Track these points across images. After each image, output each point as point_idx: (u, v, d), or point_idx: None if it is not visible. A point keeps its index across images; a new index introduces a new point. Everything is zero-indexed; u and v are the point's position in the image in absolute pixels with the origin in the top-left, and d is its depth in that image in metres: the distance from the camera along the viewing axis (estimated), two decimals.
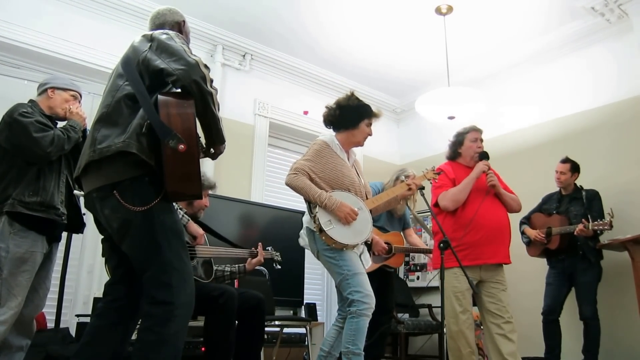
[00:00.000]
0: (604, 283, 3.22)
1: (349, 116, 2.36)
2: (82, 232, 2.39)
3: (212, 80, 1.53)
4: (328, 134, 2.39)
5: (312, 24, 4.01)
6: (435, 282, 4.44)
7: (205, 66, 1.52)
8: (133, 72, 1.54)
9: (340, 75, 4.79)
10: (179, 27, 1.80)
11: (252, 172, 4.16)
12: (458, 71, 4.36)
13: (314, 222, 2.19)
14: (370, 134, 2.42)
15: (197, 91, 1.47)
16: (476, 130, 2.91)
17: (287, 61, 4.48)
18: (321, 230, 2.15)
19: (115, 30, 3.64)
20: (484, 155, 2.82)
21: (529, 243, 3.45)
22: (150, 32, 1.62)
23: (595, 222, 3.09)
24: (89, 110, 2.66)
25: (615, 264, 3.30)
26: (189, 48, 1.57)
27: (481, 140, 2.91)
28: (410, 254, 4.77)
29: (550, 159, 3.61)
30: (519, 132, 4.26)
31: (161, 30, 1.63)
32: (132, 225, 1.45)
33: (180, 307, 1.43)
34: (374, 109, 2.41)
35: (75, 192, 2.26)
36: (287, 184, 2.27)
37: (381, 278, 3.15)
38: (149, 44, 1.57)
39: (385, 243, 3.17)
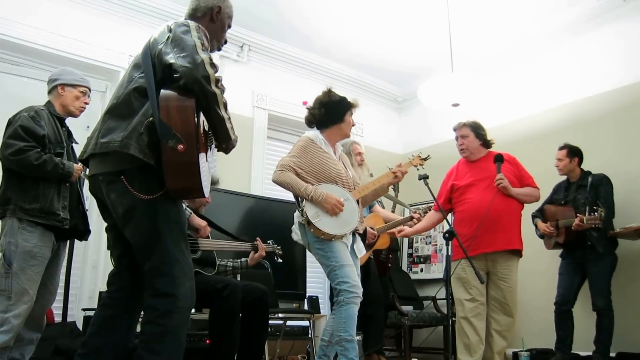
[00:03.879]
0: (618, 272, 3.25)
1: (335, 111, 2.54)
2: (86, 240, 2.52)
3: (218, 80, 1.55)
4: (312, 132, 2.57)
5: (310, 12, 4.10)
6: (439, 275, 4.60)
7: (212, 65, 1.54)
8: (148, 63, 1.58)
9: (340, 64, 4.89)
10: (211, 13, 1.79)
11: (252, 165, 4.29)
12: (462, 56, 4.36)
13: (302, 215, 2.35)
14: (354, 124, 2.62)
15: (199, 91, 1.51)
16: (457, 128, 3.11)
17: (285, 51, 4.59)
18: (309, 223, 2.31)
19: (112, 26, 3.76)
20: (499, 158, 2.97)
21: (543, 236, 3.51)
22: (173, 23, 1.65)
23: (588, 217, 3.11)
24: (88, 105, 2.79)
25: (630, 253, 3.37)
26: (204, 43, 1.58)
27: (463, 137, 3.07)
28: (414, 246, 4.93)
29: (557, 147, 3.64)
30: (527, 119, 4.30)
31: (182, 21, 1.66)
32: (136, 212, 1.51)
33: (182, 299, 1.50)
34: (350, 99, 2.61)
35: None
36: (274, 181, 2.46)
37: (362, 268, 3.31)
38: (167, 36, 1.59)
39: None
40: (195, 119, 1.51)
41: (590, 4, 3.90)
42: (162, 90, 1.52)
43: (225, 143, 1.72)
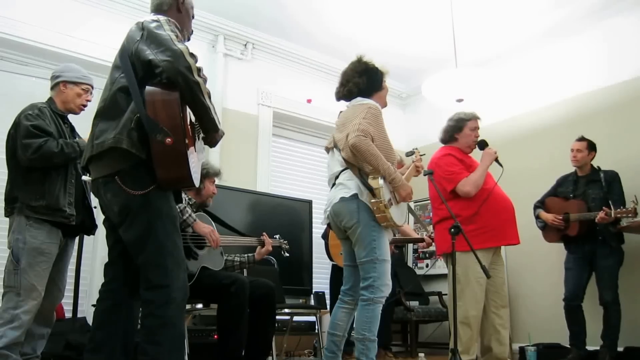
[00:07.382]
0: (625, 266, 3.24)
1: (376, 78, 2.35)
2: (93, 234, 2.53)
3: (199, 69, 1.59)
4: (371, 100, 2.29)
5: (314, 9, 4.11)
6: (445, 270, 4.58)
7: (191, 55, 1.58)
8: (127, 63, 1.62)
9: (343, 61, 4.72)
10: (177, 5, 1.83)
11: (257, 162, 4.31)
12: (466, 52, 4.38)
13: (379, 196, 2.06)
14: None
15: (182, 82, 1.54)
16: (477, 118, 3.02)
17: (288, 49, 4.60)
18: (385, 207, 2.07)
19: (119, 25, 3.75)
20: (484, 144, 2.93)
21: (544, 227, 3.47)
22: (143, 20, 1.68)
23: (619, 210, 3.05)
24: (94, 105, 2.81)
25: (637, 248, 3.35)
26: (178, 35, 1.63)
27: (478, 129, 3.01)
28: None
29: (563, 141, 3.65)
30: (531, 114, 4.29)
31: (152, 17, 1.69)
32: (131, 208, 1.57)
33: (176, 291, 1.55)
34: (378, 66, 2.44)
35: (84, 177, 2.38)
36: (354, 145, 2.09)
37: None
38: (141, 33, 1.63)
39: None
40: (181, 111, 1.55)
41: None
42: (146, 87, 1.56)
43: (213, 132, 1.73)
